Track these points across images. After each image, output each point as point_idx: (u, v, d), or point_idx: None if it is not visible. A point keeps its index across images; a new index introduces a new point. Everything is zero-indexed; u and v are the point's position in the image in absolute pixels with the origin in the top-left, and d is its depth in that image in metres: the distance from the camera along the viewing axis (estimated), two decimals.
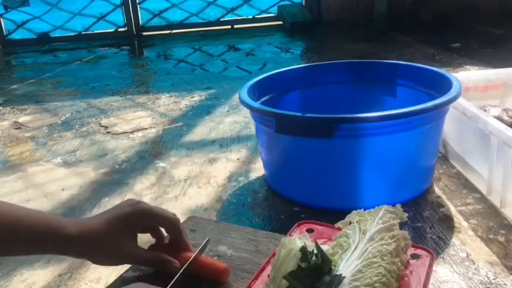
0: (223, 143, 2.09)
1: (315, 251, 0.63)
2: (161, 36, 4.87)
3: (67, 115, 2.60)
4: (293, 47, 4.06)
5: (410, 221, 1.38)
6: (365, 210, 0.75)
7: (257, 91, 1.69)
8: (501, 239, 1.28)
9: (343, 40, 4.05)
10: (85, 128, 2.39)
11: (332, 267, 0.62)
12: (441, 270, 1.17)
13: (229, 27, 5.02)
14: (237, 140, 2.12)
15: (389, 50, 3.62)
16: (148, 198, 1.65)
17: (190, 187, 1.71)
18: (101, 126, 2.40)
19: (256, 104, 1.52)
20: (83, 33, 4.93)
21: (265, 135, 1.56)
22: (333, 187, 1.46)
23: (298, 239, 0.65)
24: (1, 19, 4.83)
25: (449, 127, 1.68)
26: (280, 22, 4.93)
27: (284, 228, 0.87)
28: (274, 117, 1.39)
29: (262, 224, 1.45)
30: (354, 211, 0.75)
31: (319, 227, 0.80)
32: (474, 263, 1.19)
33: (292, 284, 0.59)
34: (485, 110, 1.68)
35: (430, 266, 0.69)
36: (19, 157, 2.08)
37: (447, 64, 3.08)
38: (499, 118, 1.58)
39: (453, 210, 1.44)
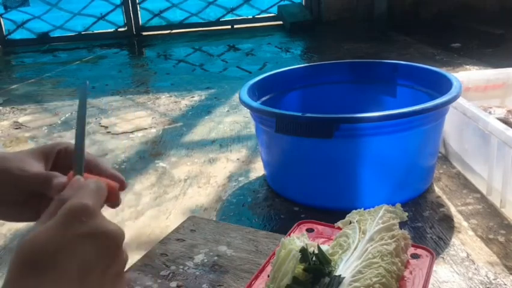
0: (223, 143, 2.09)
1: (315, 252, 0.63)
2: (161, 36, 4.87)
3: (67, 115, 2.60)
4: (293, 47, 4.06)
5: (410, 221, 1.38)
6: (364, 210, 0.74)
7: (257, 91, 1.69)
8: (501, 239, 1.28)
9: (343, 40, 4.05)
10: None
11: (332, 268, 0.62)
12: (441, 270, 1.16)
13: (229, 27, 5.02)
14: (237, 140, 2.12)
15: (389, 50, 3.62)
16: (148, 198, 1.65)
17: (190, 187, 1.71)
18: (101, 126, 2.40)
19: (256, 104, 1.52)
20: (83, 33, 4.93)
21: (265, 135, 1.56)
22: (333, 187, 1.46)
23: (298, 239, 0.65)
24: (1, 19, 4.83)
25: (449, 127, 1.68)
26: (280, 22, 4.93)
27: (284, 228, 0.87)
28: (274, 117, 1.39)
29: (262, 224, 1.45)
30: (354, 211, 0.75)
31: (319, 227, 0.79)
32: (474, 263, 1.19)
33: None
34: (490, 112, 1.68)
35: (430, 266, 0.69)
36: None
37: (447, 64, 3.08)
38: (504, 120, 1.58)
39: (453, 210, 1.44)
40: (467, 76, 1.92)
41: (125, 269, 0.46)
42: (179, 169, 1.86)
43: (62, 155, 0.58)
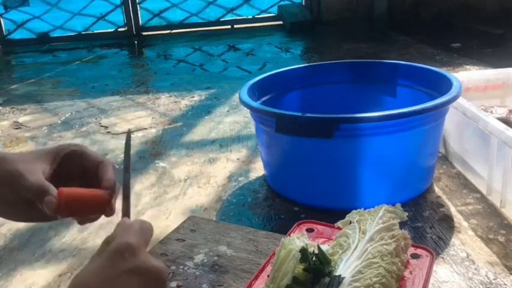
0: (223, 143, 2.08)
1: (315, 252, 0.63)
2: (161, 36, 4.87)
3: (67, 115, 2.60)
4: (293, 47, 4.06)
5: (410, 221, 1.38)
6: (364, 210, 0.74)
7: (257, 91, 1.69)
8: (501, 239, 1.28)
9: (343, 40, 4.05)
10: (84, 128, 2.38)
11: (332, 268, 0.62)
12: (441, 270, 1.16)
13: (229, 27, 5.02)
14: (237, 140, 2.12)
15: (389, 50, 3.62)
16: (148, 198, 1.65)
17: (190, 187, 1.71)
18: (101, 126, 2.40)
19: (256, 104, 1.52)
20: (83, 33, 4.93)
21: (265, 135, 1.56)
22: (333, 187, 1.46)
23: (298, 239, 0.65)
24: (1, 19, 4.83)
25: (449, 127, 1.68)
26: (280, 22, 4.93)
27: (284, 228, 0.87)
28: (274, 117, 1.39)
29: (262, 224, 1.45)
30: (354, 211, 0.75)
31: (319, 227, 0.79)
32: (474, 263, 1.19)
33: None
34: (491, 112, 1.67)
35: (430, 266, 0.69)
36: None
37: (447, 64, 3.08)
38: (505, 119, 1.58)
39: (453, 210, 1.44)
40: (467, 76, 1.92)
41: None
42: (179, 169, 1.86)
43: (69, 158, 0.60)
